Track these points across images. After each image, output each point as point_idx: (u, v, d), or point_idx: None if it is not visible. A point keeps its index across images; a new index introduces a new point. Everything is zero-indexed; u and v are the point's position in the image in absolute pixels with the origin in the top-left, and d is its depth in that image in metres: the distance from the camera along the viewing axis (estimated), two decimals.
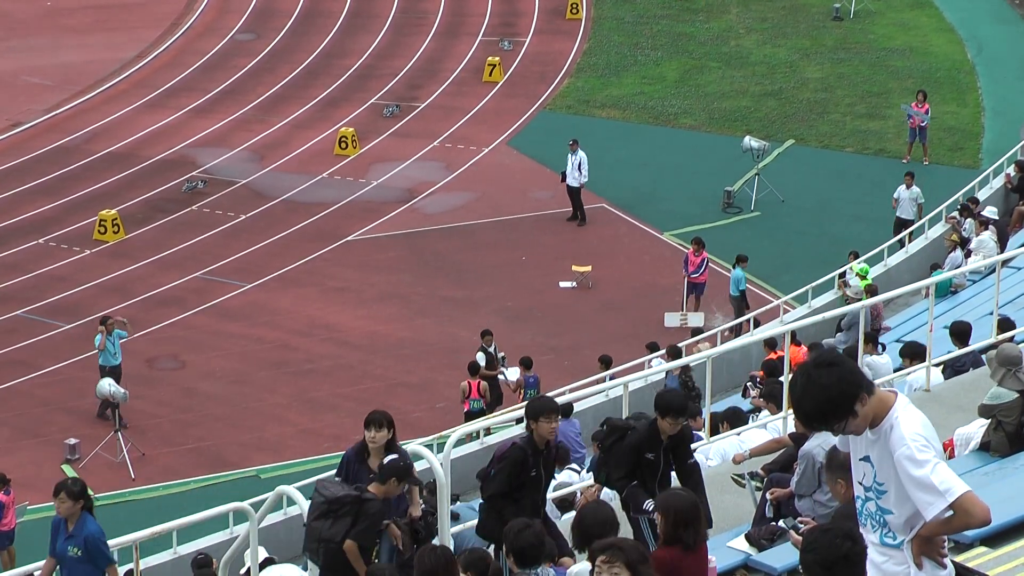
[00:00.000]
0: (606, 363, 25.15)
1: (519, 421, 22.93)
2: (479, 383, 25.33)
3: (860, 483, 6.46)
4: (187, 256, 33.52)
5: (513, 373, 25.92)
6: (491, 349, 26.25)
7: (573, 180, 34.69)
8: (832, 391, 6.09)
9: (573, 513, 13.72)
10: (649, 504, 11.11)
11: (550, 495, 13.88)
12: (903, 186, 32.32)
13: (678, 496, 9.14)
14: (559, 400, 19.04)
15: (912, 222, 31.18)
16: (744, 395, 21.42)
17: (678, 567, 8.72)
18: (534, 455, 11.16)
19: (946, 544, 6.33)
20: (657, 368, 22.61)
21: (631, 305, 31.04)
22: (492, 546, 11.04)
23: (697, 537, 8.85)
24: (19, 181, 37.88)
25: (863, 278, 26.87)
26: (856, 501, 6.53)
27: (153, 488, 24.88)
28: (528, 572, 9.04)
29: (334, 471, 11.99)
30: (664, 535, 8.86)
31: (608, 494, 12.65)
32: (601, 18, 50.38)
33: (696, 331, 27.14)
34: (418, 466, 20.16)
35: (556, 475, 17.73)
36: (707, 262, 30.47)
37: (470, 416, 24.79)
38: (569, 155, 34.59)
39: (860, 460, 6.39)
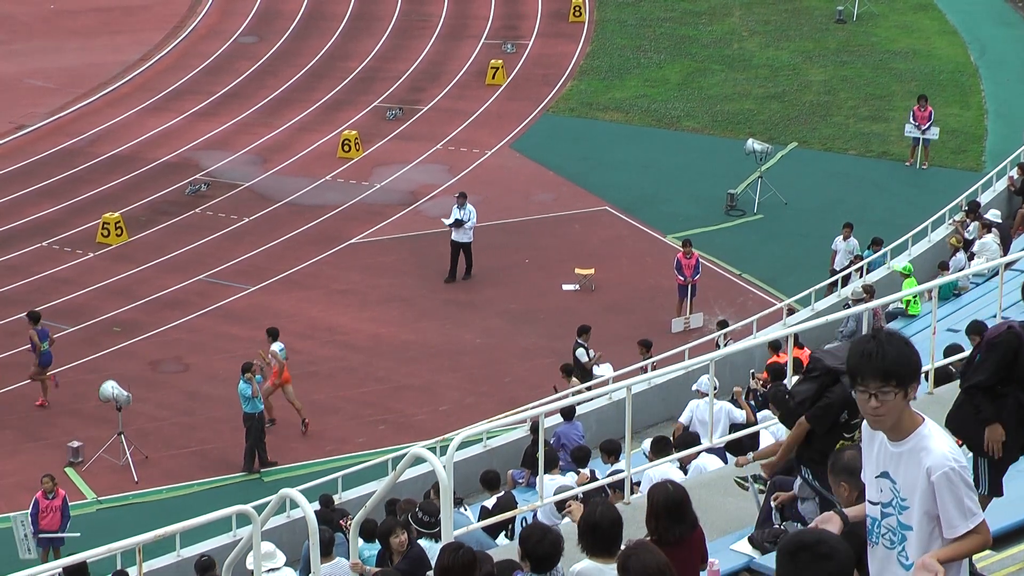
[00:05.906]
0: (647, 346, 25.19)
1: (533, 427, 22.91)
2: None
3: (876, 501, 6.35)
4: (190, 259, 33.52)
5: (606, 369, 25.70)
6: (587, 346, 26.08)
7: (465, 235, 32.07)
8: (912, 350, 5.96)
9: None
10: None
11: (549, 498, 13.82)
12: (840, 237, 30.60)
13: (663, 487, 8.74)
14: (560, 402, 19.09)
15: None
16: (746, 397, 21.37)
17: None
18: None
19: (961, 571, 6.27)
20: (658, 372, 22.60)
21: (634, 307, 31.04)
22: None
23: (674, 533, 8.54)
24: (22, 184, 37.89)
25: (906, 276, 26.84)
26: (867, 520, 6.46)
27: (156, 491, 24.89)
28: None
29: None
30: (646, 524, 8.65)
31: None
32: (604, 21, 50.41)
33: (722, 323, 26.84)
34: (421, 468, 20.14)
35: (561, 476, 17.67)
36: (699, 262, 30.38)
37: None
38: (456, 208, 32.04)
39: (877, 477, 6.29)
